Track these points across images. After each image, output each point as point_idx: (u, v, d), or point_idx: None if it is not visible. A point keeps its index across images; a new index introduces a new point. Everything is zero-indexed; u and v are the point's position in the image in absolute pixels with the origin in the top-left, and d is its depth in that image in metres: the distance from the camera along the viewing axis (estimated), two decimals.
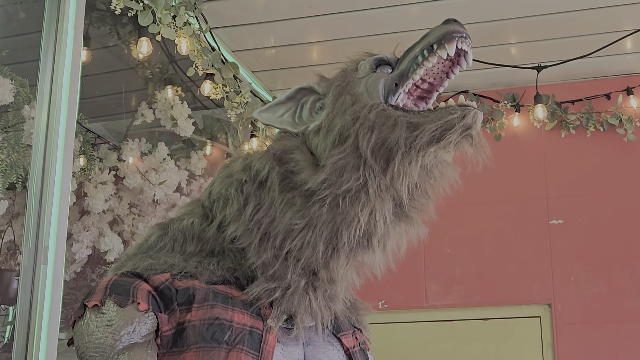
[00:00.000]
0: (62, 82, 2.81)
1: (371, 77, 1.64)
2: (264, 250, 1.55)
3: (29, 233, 2.69)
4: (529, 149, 4.40)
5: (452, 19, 1.61)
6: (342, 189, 1.51)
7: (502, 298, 4.22)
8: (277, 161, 1.61)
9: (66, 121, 2.78)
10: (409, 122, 1.52)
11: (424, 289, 4.33)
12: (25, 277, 2.64)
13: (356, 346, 1.72)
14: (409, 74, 1.59)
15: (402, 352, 4.29)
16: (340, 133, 1.56)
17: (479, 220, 4.36)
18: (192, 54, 3.57)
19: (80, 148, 4.03)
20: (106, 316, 1.46)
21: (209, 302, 1.52)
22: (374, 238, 1.56)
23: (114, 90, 4.39)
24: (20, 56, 3.44)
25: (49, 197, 2.69)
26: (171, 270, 1.57)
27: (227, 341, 1.47)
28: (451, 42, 1.56)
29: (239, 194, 1.61)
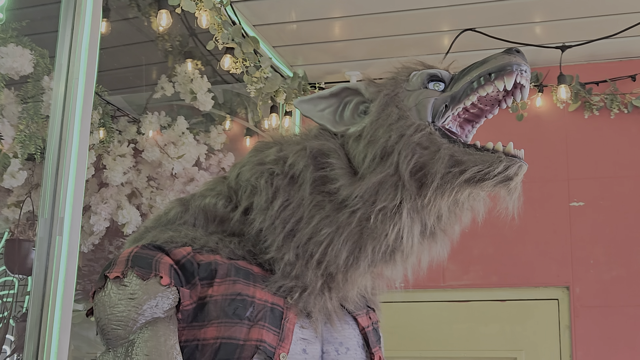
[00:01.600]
0: (80, 54, 2.80)
1: (422, 93, 1.62)
2: (286, 249, 1.55)
3: (45, 204, 2.69)
4: (551, 130, 4.35)
5: (515, 49, 1.60)
6: (376, 207, 1.52)
7: (520, 279, 4.19)
8: (312, 160, 1.59)
9: (84, 93, 2.77)
10: (452, 155, 1.52)
11: (441, 268, 4.31)
12: (41, 248, 2.65)
13: (370, 326, 1.74)
14: (461, 98, 1.59)
15: (417, 331, 4.28)
16: (383, 148, 1.55)
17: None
18: (212, 28, 3.55)
19: (100, 120, 4.03)
20: (129, 289, 1.45)
21: (232, 277, 1.52)
22: (397, 254, 1.58)
23: (133, 63, 4.38)
24: (40, 27, 3.44)
25: (66, 168, 2.69)
26: (192, 243, 1.56)
27: (249, 317, 1.48)
28: (510, 75, 1.55)
29: (268, 186, 1.59)
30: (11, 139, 3.41)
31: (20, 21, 3.38)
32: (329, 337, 1.60)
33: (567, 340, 4.07)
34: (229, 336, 1.45)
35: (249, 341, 1.45)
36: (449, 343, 4.22)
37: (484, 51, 4.25)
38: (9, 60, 3.22)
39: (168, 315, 1.45)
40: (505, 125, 4.41)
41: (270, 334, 1.47)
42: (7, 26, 3.35)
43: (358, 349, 1.65)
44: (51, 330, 2.53)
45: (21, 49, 3.27)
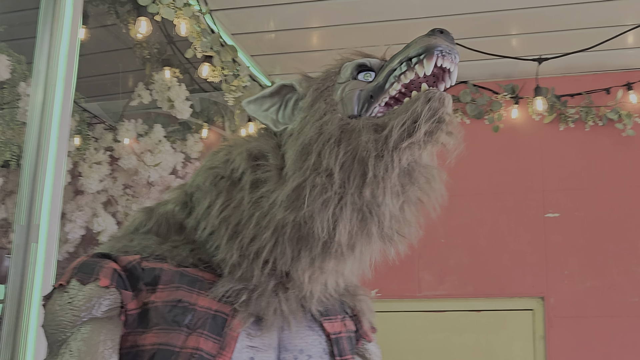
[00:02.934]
0: (58, 60, 2.78)
1: (349, 85, 1.54)
2: (230, 250, 1.49)
3: (21, 211, 2.67)
4: (526, 141, 4.39)
5: (438, 29, 1.48)
6: (301, 209, 1.43)
7: (495, 290, 4.22)
8: (250, 162, 1.54)
9: (62, 99, 2.75)
10: (374, 124, 1.43)
11: (417, 278, 4.32)
12: (17, 255, 2.62)
13: (343, 332, 1.66)
14: (385, 87, 1.49)
15: (393, 341, 4.28)
16: (306, 146, 1.48)
17: (474, 211, 4.34)
18: (191, 36, 3.54)
19: (76, 127, 4.00)
20: (69, 294, 1.45)
21: (175, 284, 1.50)
22: (339, 249, 1.46)
23: (111, 70, 4.36)
24: (17, 32, 3.41)
25: (42, 175, 2.67)
26: (142, 252, 1.55)
27: (187, 324, 1.45)
28: (430, 58, 1.43)
29: (212, 189, 1.56)
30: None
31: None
32: (288, 344, 1.54)
33: (541, 350, 4.09)
34: (166, 342, 1.44)
35: (185, 349, 1.43)
36: (424, 353, 4.23)
37: (462, 63, 4.29)
38: None
39: (108, 316, 1.44)
40: (480, 137, 4.44)
41: (210, 342, 1.44)
42: None
43: (324, 356, 1.58)
44: (26, 338, 2.50)
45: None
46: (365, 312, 1.77)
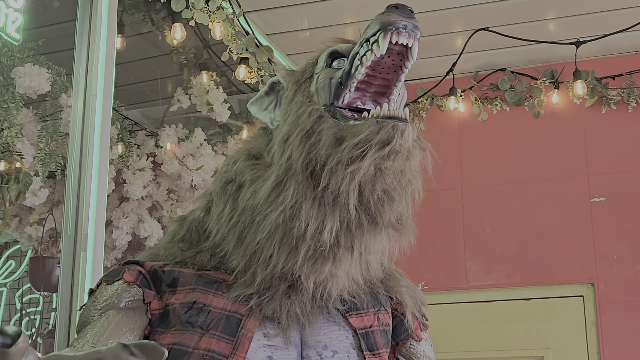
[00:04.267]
0: (97, 70, 2.82)
1: (322, 73, 1.53)
2: (237, 256, 1.50)
3: (68, 221, 2.71)
4: (568, 126, 4.33)
5: (393, 4, 1.43)
6: (279, 208, 1.42)
7: (543, 277, 4.17)
8: (248, 163, 1.54)
9: (102, 109, 2.79)
10: (334, 135, 1.40)
11: (464, 269, 4.30)
12: (66, 264, 2.67)
13: (375, 326, 1.62)
14: (351, 72, 1.46)
15: (442, 334, 4.26)
16: (283, 141, 1.47)
17: (518, 199, 4.30)
18: (226, 39, 3.56)
19: (118, 135, 4.05)
20: (94, 295, 1.53)
21: (191, 285, 1.52)
22: (332, 250, 1.43)
23: (149, 77, 4.40)
24: (56, 45, 3.46)
25: (87, 184, 2.72)
26: (167, 259, 1.59)
27: (201, 325, 1.47)
28: (385, 36, 1.39)
29: (222, 194, 1.56)
30: (32, 157, 3.43)
31: (36, 40, 3.41)
32: (311, 340, 1.51)
33: (593, 337, 4.05)
34: (179, 342, 1.46)
35: (197, 349, 1.44)
36: (474, 344, 4.21)
37: (499, 50, 4.26)
38: (27, 79, 3.24)
39: (130, 307, 1.48)
40: (521, 124, 4.40)
41: (222, 342, 1.44)
42: (24, 46, 3.38)
43: (351, 352, 1.54)
44: None
45: (38, 68, 3.29)
46: (409, 304, 1.71)
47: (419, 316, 1.75)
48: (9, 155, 3.25)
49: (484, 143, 4.44)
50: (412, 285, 1.80)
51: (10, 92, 3.33)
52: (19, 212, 3.78)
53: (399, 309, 1.71)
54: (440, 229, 4.38)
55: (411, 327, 1.71)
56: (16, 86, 3.30)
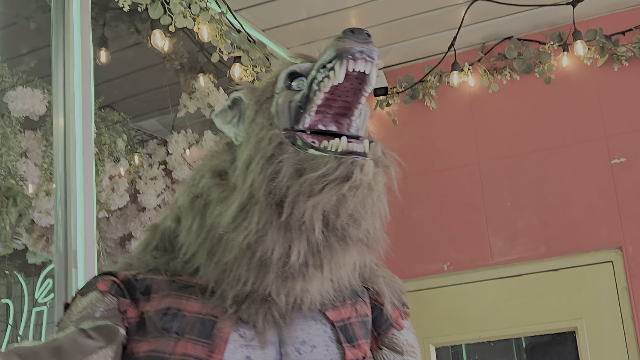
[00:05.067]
0: (74, 87, 2.83)
1: (281, 95, 1.51)
2: (208, 273, 1.50)
3: (58, 238, 2.74)
4: (582, 88, 4.20)
5: (349, 29, 1.41)
6: (244, 233, 1.41)
7: (570, 246, 4.05)
8: (213, 181, 1.52)
9: (82, 124, 2.81)
10: (294, 166, 1.39)
11: (488, 246, 4.21)
12: (59, 281, 2.70)
13: (353, 318, 1.61)
14: (310, 96, 1.44)
15: (472, 313, 4.19)
16: (245, 164, 1.45)
17: (537, 168, 4.19)
18: (215, 39, 3.54)
19: (126, 147, 4.08)
20: (70, 308, 1.52)
21: (164, 291, 1.52)
22: (301, 270, 1.43)
23: (154, 86, 4.42)
24: (49, 67, 3.50)
25: (73, 201, 2.73)
26: (140, 267, 1.59)
27: (176, 331, 1.46)
28: (341, 65, 1.37)
29: (190, 209, 1.56)
30: (37, 178, 3.48)
31: (29, 63, 3.45)
32: (288, 337, 1.51)
33: (626, 302, 3.92)
34: (156, 349, 1.46)
35: (174, 355, 1.44)
36: (506, 321, 4.12)
37: (502, 18, 4.14)
38: (19, 103, 3.28)
39: (104, 316, 1.47)
40: (533, 91, 4.28)
41: (198, 346, 1.44)
42: (17, 70, 3.42)
43: (330, 345, 1.54)
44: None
45: (30, 90, 3.33)
46: (386, 293, 1.70)
47: (399, 305, 1.73)
48: (10, 178, 3.29)
49: (497, 115, 4.33)
50: (390, 275, 1.79)
51: (5, 116, 3.37)
52: (44, 232, 3.83)
53: (378, 300, 1.70)
54: (461, 207, 4.29)
55: (392, 317, 1.69)
56: (11, 110, 3.35)
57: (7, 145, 3.33)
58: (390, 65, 4.59)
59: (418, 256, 4.32)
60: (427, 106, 4.47)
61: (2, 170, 3.32)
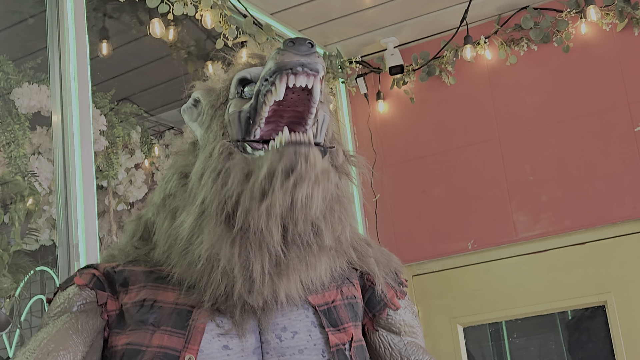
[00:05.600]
0: (70, 82, 2.82)
1: (232, 104, 1.46)
2: (182, 271, 1.46)
3: (60, 232, 2.74)
4: (602, 55, 4.06)
5: (290, 40, 1.35)
6: (200, 249, 1.38)
7: (595, 218, 3.94)
8: (180, 182, 1.50)
9: (79, 118, 2.80)
10: (242, 171, 1.35)
11: (511, 221, 4.11)
12: (63, 276, 2.70)
13: (338, 301, 1.56)
14: (257, 108, 1.40)
15: (499, 291, 4.10)
16: (198, 176, 1.42)
17: (559, 140, 4.07)
18: (218, 26, 3.51)
19: (141, 139, 4.08)
20: (51, 303, 1.53)
21: (142, 283, 1.51)
22: (269, 279, 1.40)
23: (169, 77, 4.41)
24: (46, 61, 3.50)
25: (73, 195, 2.73)
26: (121, 258, 1.58)
27: (152, 323, 1.45)
28: (281, 80, 1.33)
29: (162, 207, 1.54)
30: (50, 174, 3.49)
31: (36, 59, 3.46)
32: (268, 324, 1.47)
33: None
34: (133, 342, 1.44)
35: (151, 347, 1.42)
36: (532, 298, 4.02)
37: None
38: (25, 99, 3.30)
39: (81, 310, 1.48)
40: (552, 61, 4.16)
41: (174, 337, 1.42)
42: (24, 67, 3.44)
43: (313, 330, 1.50)
44: None
45: (37, 86, 3.34)
46: (377, 273, 1.64)
47: (395, 284, 1.68)
48: (19, 175, 3.31)
49: (516, 87, 4.22)
50: (385, 254, 1.74)
51: (13, 114, 3.39)
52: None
53: (370, 280, 1.65)
54: (482, 183, 4.20)
55: (386, 297, 1.64)
56: (18, 107, 3.36)
57: (16, 142, 3.35)
58: (405, 43, 4.50)
59: (441, 235, 4.24)
60: (445, 82, 4.38)
61: (12, 168, 3.34)
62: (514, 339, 4.34)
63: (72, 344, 1.43)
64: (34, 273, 4.16)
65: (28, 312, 3.98)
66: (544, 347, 4.30)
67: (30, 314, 4.11)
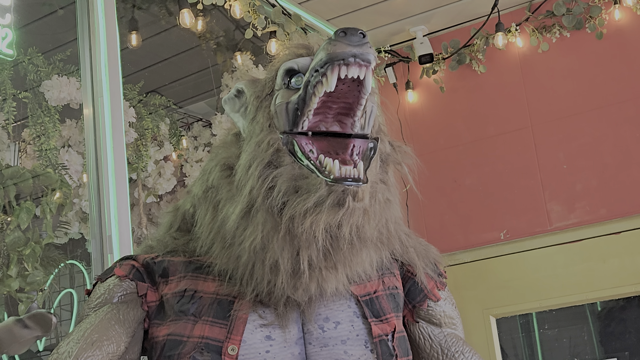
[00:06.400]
0: (101, 74, 2.81)
1: (279, 95, 1.43)
2: (223, 262, 1.45)
3: (93, 224, 2.73)
4: (636, 41, 3.99)
5: (341, 30, 1.32)
6: (249, 240, 1.36)
7: (631, 207, 3.87)
8: (223, 174, 1.47)
9: (110, 111, 2.78)
10: (289, 182, 1.34)
11: (545, 211, 4.06)
12: (96, 267, 2.70)
13: (380, 291, 1.55)
14: (306, 100, 1.37)
15: (533, 281, 4.05)
16: (246, 167, 1.39)
17: (593, 128, 4.01)
18: (247, 15, 3.49)
19: (170, 131, 4.07)
20: (91, 295, 1.53)
21: (181, 273, 1.50)
22: (313, 271, 1.38)
23: (198, 68, 4.39)
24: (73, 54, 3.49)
25: (106, 187, 2.72)
26: (160, 249, 1.57)
27: (194, 313, 1.44)
28: (332, 71, 1.30)
29: (204, 200, 1.51)
30: (80, 166, 3.49)
31: (65, 51, 3.45)
32: (311, 314, 1.46)
33: None
34: (174, 332, 1.44)
35: (192, 338, 1.41)
36: (567, 288, 3.97)
37: None
38: (55, 92, 3.29)
39: (124, 301, 1.47)
40: (584, 48, 4.09)
41: (216, 328, 1.41)
42: (53, 59, 3.43)
43: (355, 320, 1.48)
44: None
45: (66, 78, 3.33)
46: (418, 264, 1.63)
47: (434, 275, 1.66)
48: (50, 168, 3.30)
49: (549, 75, 4.16)
50: (424, 244, 1.73)
51: (43, 106, 3.39)
52: None
53: (411, 271, 1.63)
54: (515, 172, 4.15)
55: (427, 288, 1.63)
56: (47, 100, 3.36)
57: (46, 135, 3.35)
58: (435, 31, 4.45)
59: (473, 226, 4.20)
60: (475, 70, 4.32)
61: (43, 160, 3.34)
62: (544, 330, 4.29)
63: (114, 334, 1.43)
64: (63, 266, 4.18)
65: (57, 306, 3.99)
66: (575, 338, 4.25)
67: (60, 308, 4.11)
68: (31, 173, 3.23)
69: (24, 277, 3.03)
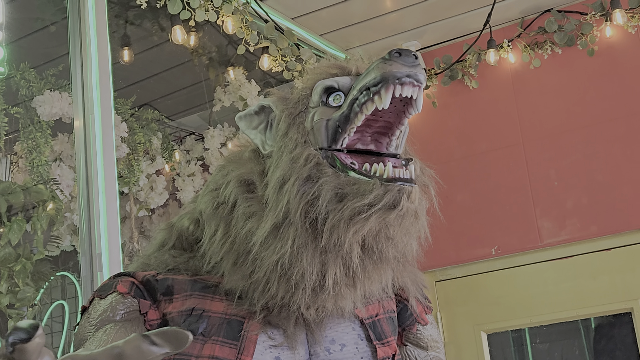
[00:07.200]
0: (92, 88, 2.81)
1: (317, 111, 1.44)
2: (233, 282, 1.45)
3: (83, 242, 2.72)
4: (627, 58, 4.01)
5: (396, 50, 1.34)
6: (277, 254, 1.36)
7: (621, 224, 3.89)
8: (240, 191, 1.46)
9: (101, 126, 2.78)
10: (335, 190, 1.34)
11: (536, 227, 4.07)
12: (85, 284, 2.68)
13: (381, 314, 1.57)
14: (350, 117, 1.38)
15: (523, 297, 4.06)
16: (279, 182, 1.39)
17: (584, 145, 4.02)
18: (239, 31, 3.49)
19: (162, 145, 4.07)
20: (89, 311, 1.48)
21: (187, 292, 1.48)
22: (334, 289, 1.39)
23: (190, 82, 4.40)
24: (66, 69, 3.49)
25: (96, 204, 2.71)
26: (159, 267, 1.55)
27: (202, 332, 1.43)
28: (387, 89, 1.32)
29: (213, 215, 1.49)
30: (72, 181, 3.49)
31: (57, 66, 3.46)
32: (317, 336, 1.47)
33: None
34: (183, 352, 1.41)
35: (201, 357, 1.40)
36: (559, 304, 3.98)
37: None
38: (47, 107, 3.29)
39: (125, 319, 1.44)
40: (576, 65, 4.11)
41: (226, 348, 1.40)
42: (45, 74, 3.43)
43: (359, 343, 1.51)
44: None
45: (58, 93, 3.33)
46: (411, 289, 1.65)
47: (422, 299, 1.69)
48: (41, 183, 3.30)
49: (540, 91, 4.17)
50: (412, 268, 1.72)
51: (35, 121, 3.39)
52: None
53: (402, 295, 1.66)
54: (506, 188, 4.16)
55: (416, 312, 1.66)
56: (39, 115, 3.36)
57: (37, 149, 3.35)
58: (427, 47, 4.47)
59: (464, 241, 4.20)
60: (467, 86, 4.34)
61: (34, 175, 3.34)
62: (536, 344, 4.29)
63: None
64: (54, 278, 4.17)
65: (49, 317, 3.98)
66: (567, 353, 4.25)
67: (51, 319, 4.10)
68: (22, 188, 3.22)
69: (14, 293, 3.02)
